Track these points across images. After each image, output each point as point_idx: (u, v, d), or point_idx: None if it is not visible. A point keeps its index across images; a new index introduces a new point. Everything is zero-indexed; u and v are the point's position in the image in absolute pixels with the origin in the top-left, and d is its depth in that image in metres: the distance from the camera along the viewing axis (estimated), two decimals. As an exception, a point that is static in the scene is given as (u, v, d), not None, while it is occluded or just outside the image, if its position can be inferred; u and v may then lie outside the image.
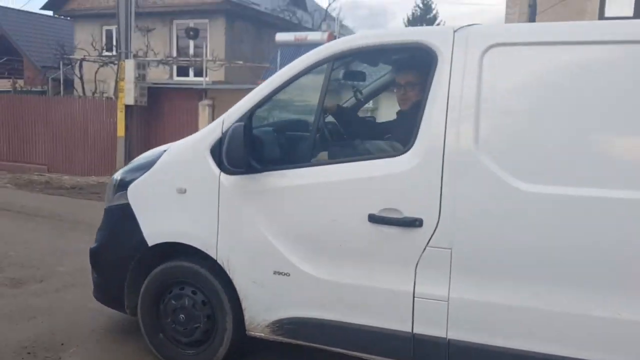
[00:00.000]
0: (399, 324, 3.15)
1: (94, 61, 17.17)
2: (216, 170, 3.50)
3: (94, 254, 4.11)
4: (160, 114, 12.90)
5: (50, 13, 22.68)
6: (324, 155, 3.53)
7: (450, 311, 3.05)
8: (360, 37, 3.48)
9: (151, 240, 3.73)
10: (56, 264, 5.96)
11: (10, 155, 14.42)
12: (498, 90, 2.96)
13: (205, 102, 12.76)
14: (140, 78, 12.43)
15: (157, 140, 12.35)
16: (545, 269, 2.87)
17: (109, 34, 19.93)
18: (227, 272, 3.54)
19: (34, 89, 20.33)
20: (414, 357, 3.16)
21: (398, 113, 3.75)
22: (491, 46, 2.97)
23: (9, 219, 8.21)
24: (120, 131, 12.63)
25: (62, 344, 4.09)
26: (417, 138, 3.07)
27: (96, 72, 16.77)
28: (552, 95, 2.89)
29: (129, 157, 12.35)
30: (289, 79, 3.42)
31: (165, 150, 3.87)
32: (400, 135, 3.31)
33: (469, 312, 3.02)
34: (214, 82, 16.06)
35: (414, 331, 3.13)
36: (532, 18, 10.83)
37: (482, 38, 3.01)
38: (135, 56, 13.65)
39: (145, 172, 3.85)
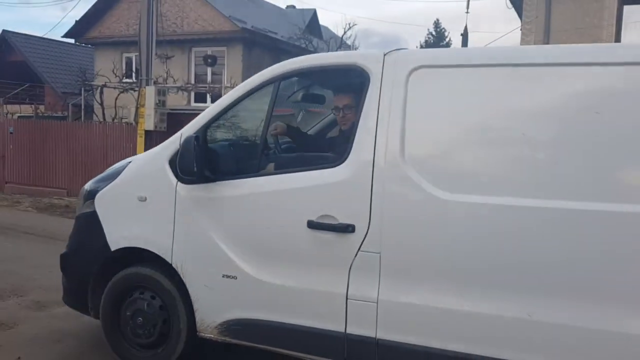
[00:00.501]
0: (334, 324, 3.35)
1: (115, 87, 17.51)
2: (173, 180, 3.78)
3: (63, 259, 4.38)
4: (179, 140, 13.11)
5: (71, 41, 23.24)
6: (270, 166, 3.80)
7: (379, 312, 3.25)
8: (303, 60, 3.77)
9: (114, 246, 3.99)
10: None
11: (31, 179, 14.65)
12: (421, 108, 3.24)
13: (223, 128, 12.93)
14: (160, 104, 12.64)
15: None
16: (462, 272, 3.08)
17: (128, 61, 20.40)
18: (181, 276, 3.78)
19: (54, 114, 20.76)
20: (347, 356, 3.35)
21: (339, 129, 4.01)
22: (415, 68, 3.27)
23: (32, 243, 8.34)
24: (140, 156, 12.81)
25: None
26: (351, 151, 3.34)
27: (116, 98, 17.09)
28: (467, 111, 3.17)
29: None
30: (240, 97, 3.75)
31: (130, 162, 4.19)
32: (339, 148, 3.55)
33: (396, 313, 3.22)
34: (231, 108, 16.23)
35: (347, 331, 3.33)
36: (547, 46, 10.90)
37: (408, 61, 3.31)
38: (155, 83, 13.93)
39: (111, 181, 4.15)
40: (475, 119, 3.17)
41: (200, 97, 19.11)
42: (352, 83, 3.61)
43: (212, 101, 18.43)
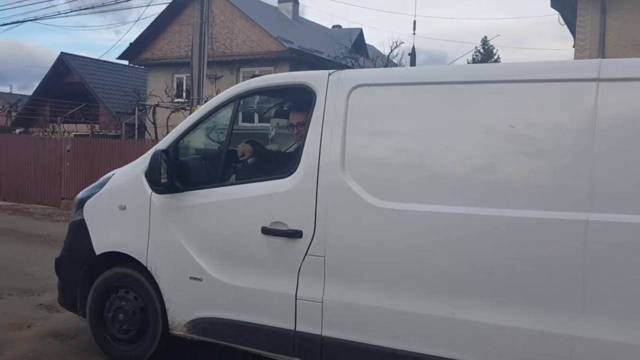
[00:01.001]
0: (285, 323, 3.67)
1: (167, 107, 18.02)
2: (148, 190, 4.16)
3: (57, 263, 4.82)
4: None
5: (125, 62, 24.09)
6: (232, 178, 4.17)
7: (324, 311, 3.55)
8: (258, 80, 4.16)
9: (98, 250, 4.40)
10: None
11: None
12: (359, 123, 3.54)
13: (269, 146, 13.09)
14: (210, 123, 12.95)
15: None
16: (395, 274, 3.37)
17: (179, 82, 21.01)
18: (155, 277, 4.15)
19: (108, 133, 21.49)
20: (297, 352, 3.65)
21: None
22: (355, 87, 3.58)
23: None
24: (190, 173, 13.07)
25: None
26: (300, 163, 3.66)
27: (168, 117, 17.59)
28: (398, 125, 3.49)
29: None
30: (205, 114, 4.17)
31: (114, 173, 4.58)
32: (291, 161, 3.82)
33: (338, 312, 3.52)
34: (278, 128, 16.43)
35: (296, 329, 3.64)
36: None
37: (349, 80, 3.62)
38: (205, 102, 14.26)
39: (98, 191, 4.57)
40: (405, 132, 3.48)
41: (248, 117, 19.44)
42: (301, 101, 3.92)
43: (259, 120, 18.79)
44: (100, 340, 4.48)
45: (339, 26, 28.28)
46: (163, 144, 4.18)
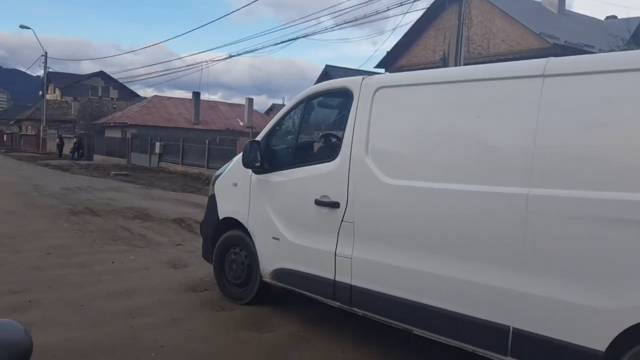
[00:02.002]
0: (329, 273, 4.72)
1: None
2: (250, 171, 5.56)
3: (200, 226, 6.72)
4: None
5: (382, 70, 25.08)
6: (298, 162, 5.29)
7: (353, 266, 4.52)
8: (317, 85, 5.55)
9: (221, 216, 5.99)
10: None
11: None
12: (379, 117, 4.49)
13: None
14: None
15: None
16: (399, 236, 4.22)
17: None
18: (252, 237, 5.59)
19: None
20: (335, 297, 4.73)
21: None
22: (378, 88, 4.55)
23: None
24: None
25: None
26: (340, 150, 4.74)
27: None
28: (407, 119, 4.37)
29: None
30: (284, 114, 5.59)
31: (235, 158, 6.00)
32: (336, 148, 4.90)
33: (364, 266, 4.44)
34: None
35: (335, 279, 4.67)
36: None
37: (375, 83, 4.62)
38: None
39: (223, 172, 6.19)
40: (412, 124, 4.37)
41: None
42: (344, 101, 4.94)
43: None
44: (221, 284, 6.05)
45: (614, 17, 25.21)
46: (258, 138, 5.60)
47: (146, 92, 65.39)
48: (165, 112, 37.44)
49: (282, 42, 41.99)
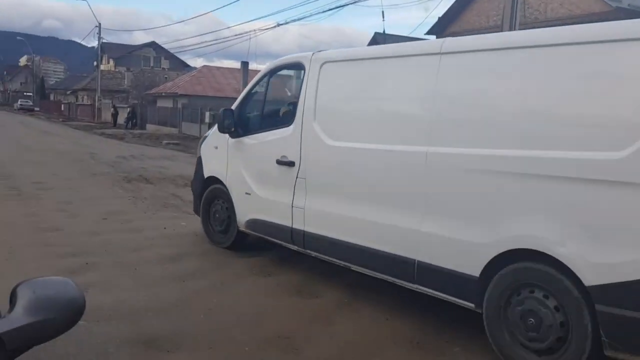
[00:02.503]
0: (287, 222, 5.57)
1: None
2: (227, 135, 6.41)
3: (191, 184, 7.67)
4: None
5: (433, 37, 24.45)
6: (264, 127, 6.12)
7: (305, 215, 5.35)
8: (278, 60, 6.32)
9: (206, 175, 6.91)
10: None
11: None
12: (324, 88, 5.28)
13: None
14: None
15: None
16: (342, 189, 5.04)
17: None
18: (230, 193, 6.45)
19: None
20: (292, 241, 5.58)
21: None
22: (324, 63, 5.34)
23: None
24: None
25: (446, 342, 4.17)
26: (295, 116, 5.52)
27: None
28: (348, 89, 5.19)
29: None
30: (252, 85, 6.43)
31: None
32: (294, 114, 5.62)
33: (313, 215, 5.29)
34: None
35: (292, 226, 5.51)
36: None
37: (321, 58, 5.40)
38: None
39: (207, 136, 7.20)
40: (347, 94, 5.20)
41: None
42: (298, 73, 5.84)
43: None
44: (207, 232, 6.96)
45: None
46: (233, 105, 6.41)
47: (196, 62, 66.12)
48: (214, 82, 37.85)
49: (330, 10, 41.43)
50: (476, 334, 4.30)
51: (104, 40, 49.63)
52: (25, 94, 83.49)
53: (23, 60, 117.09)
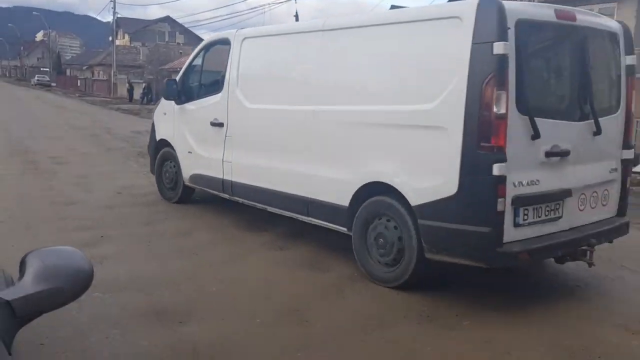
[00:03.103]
0: (219, 174, 6.63)
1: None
2: (173, 102, 7.47)
3: (147, 148, 8.64)
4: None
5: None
6: (201, 95, 7.15)
7: (232, 167, 6.45)
8: (212, 36, 7.68)
9: (157, 138, 7.91)
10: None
11: None
12: (244, 60, 6.36)
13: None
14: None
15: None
16: (257, 144, 6.16)
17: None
18: (176, 153, 7.49)
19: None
20: (224, 191, 6.68)
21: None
22: (244, 38, 6.44)
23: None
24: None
25: (457, 315, 4.18)
26: (223, 84, 6.59)
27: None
28: (261, 60, 6.30)
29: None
30: (191, 59, 7.53)
31: None
32: (222, 84, 6.69)
33: (239, 167, 6.37)
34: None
35: (223, 178, 6.60)
36: None
37: (242, 34, 6.52)
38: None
39: (158, 104, 8.24)
40: (260, 65, 6.35)
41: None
42: (226, 47, 6.72)
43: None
44: (160, 189, 8.00)
45: None
46: (177, 77, 7.54)
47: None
48: (229, 57, 37.64)
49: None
50: (486, 310, 4.31)
51: (119, 15, 49.66)
52: (42, 69, 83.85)
53: (39, 36, 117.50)
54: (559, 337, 3.87)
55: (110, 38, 51.47)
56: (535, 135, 4.23)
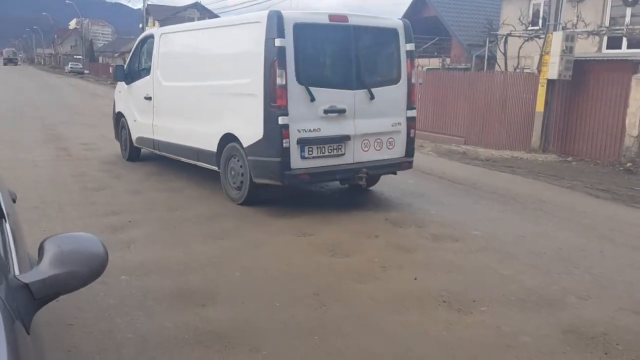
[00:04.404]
0: (150, 135, 8.99)
1: (519, 36, 17.10)
2: (124, 83, 9.94)
3: (112, 119, 10.73)
4: (584, 89, 11.86)
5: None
6: (140, 77, 9.39)
7: (157, 129, 8.80)
8: (144, 33, 10.08)
9: (116, 111, 10.37)
10: (471, 228, 6.20)
11: (434, 126, 15.71)
12: (161, 49, 8.74)
13: None
14: (567, 51, 11.74)
15: (578, 116, 11.51)
16: (172, 111, 8.44)
17: (535, 9, 19.55)
18: (127, 122, 9.87)
19: (458, 66, 21.67)
20: (153, 148, 9.10)
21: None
22: (162, 34, 8.87)
23: (431, 182, 8.96)
24: (540, 106, 12.28)
25: (474, 301, 4.21)
26: (151, 69, 8.89)
27: (520, 48, 16.68)
28: (170, 50, 8.62)
29: (545, 133, 11.91)
30: (133, 49, 9.83)
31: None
32: (150, 68, 8.97)
33: (161, 129, 8.69)
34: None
35: (153, 138, 8.96)
36: None
37: (161, 30, 9.05)
38: (563, 28, 12.95)
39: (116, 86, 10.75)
40: (171, 53, 8.55)
41: (615, 43, 16.97)
42: (152, 40, 9.01)
43: (628, 47, 16.25)
44: (121, 151, 10.34)
45: None
46: (125, 64, 10.13)
47: (239, 23, 65.73)
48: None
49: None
50: (505, 295, 4.33)
51: (149, 2, 50.02)
52: (75, 57, 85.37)
53: (72, 24, 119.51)
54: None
55: (141, 25, 51.99)
56: (312, 99, 6.39)
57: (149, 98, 8.80)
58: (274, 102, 6.19)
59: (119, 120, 10.14)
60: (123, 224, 6.05)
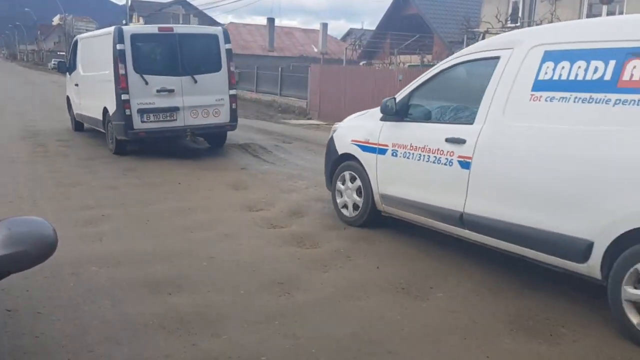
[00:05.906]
0: (80, 111, 12.70)
1: (496, 33, 17.33)
2: (68, 73, 13.75)
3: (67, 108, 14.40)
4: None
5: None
6: (74, 69, 13.17)
7: (82, 107, 12.46)
8: (76, 36, 13.35)
9: (66, 95, 14.33)
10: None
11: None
12: (81, 50, 12.40)
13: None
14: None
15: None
16: (86, 93, 12.08)
17: (515, 6, 19.80)
18: (72, 103, 13.84)
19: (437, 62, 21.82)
20: (82, 120, 12.87)
21: None
22: (81, 39, 12.51)
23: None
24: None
25: (431, 288, 4.35)
26: (77, 63, 12.50)
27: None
28: (85, 50, 12.13)
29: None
30: (70, 48, 14.14)
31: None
32: (77, 63, 12.62)
33: (82, 106, 12.52)
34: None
35: (81, 113, 12.63)
36: None
37: (81, 37, 12.69)
38: (537, 26, 13.18)
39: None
40: (85, 52, 12.07)
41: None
42: (75, 45, 12.75)
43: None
44: (71, 122, 13.96)
45: None
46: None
47: (226, 19, 65.69)
48: (240, 39, 37.79)
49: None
50: (461, 283, 4.50)
51: (132, -2, 49.61)
52: (58, 53, 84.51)
53: (56, 20, 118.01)
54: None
55: (124, 21, 51.66)
56: (146, 82, 9.64)
57: (77, 85, 12.43)
58: (119, 85, 9.53)
59: (69, 101, 13.77)
60: (96, 217, 6.15)
